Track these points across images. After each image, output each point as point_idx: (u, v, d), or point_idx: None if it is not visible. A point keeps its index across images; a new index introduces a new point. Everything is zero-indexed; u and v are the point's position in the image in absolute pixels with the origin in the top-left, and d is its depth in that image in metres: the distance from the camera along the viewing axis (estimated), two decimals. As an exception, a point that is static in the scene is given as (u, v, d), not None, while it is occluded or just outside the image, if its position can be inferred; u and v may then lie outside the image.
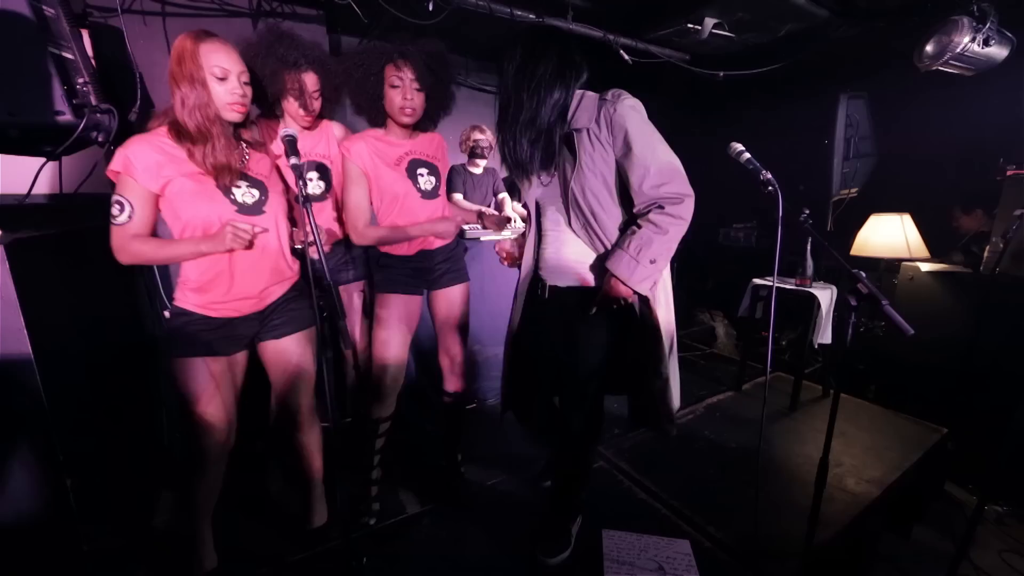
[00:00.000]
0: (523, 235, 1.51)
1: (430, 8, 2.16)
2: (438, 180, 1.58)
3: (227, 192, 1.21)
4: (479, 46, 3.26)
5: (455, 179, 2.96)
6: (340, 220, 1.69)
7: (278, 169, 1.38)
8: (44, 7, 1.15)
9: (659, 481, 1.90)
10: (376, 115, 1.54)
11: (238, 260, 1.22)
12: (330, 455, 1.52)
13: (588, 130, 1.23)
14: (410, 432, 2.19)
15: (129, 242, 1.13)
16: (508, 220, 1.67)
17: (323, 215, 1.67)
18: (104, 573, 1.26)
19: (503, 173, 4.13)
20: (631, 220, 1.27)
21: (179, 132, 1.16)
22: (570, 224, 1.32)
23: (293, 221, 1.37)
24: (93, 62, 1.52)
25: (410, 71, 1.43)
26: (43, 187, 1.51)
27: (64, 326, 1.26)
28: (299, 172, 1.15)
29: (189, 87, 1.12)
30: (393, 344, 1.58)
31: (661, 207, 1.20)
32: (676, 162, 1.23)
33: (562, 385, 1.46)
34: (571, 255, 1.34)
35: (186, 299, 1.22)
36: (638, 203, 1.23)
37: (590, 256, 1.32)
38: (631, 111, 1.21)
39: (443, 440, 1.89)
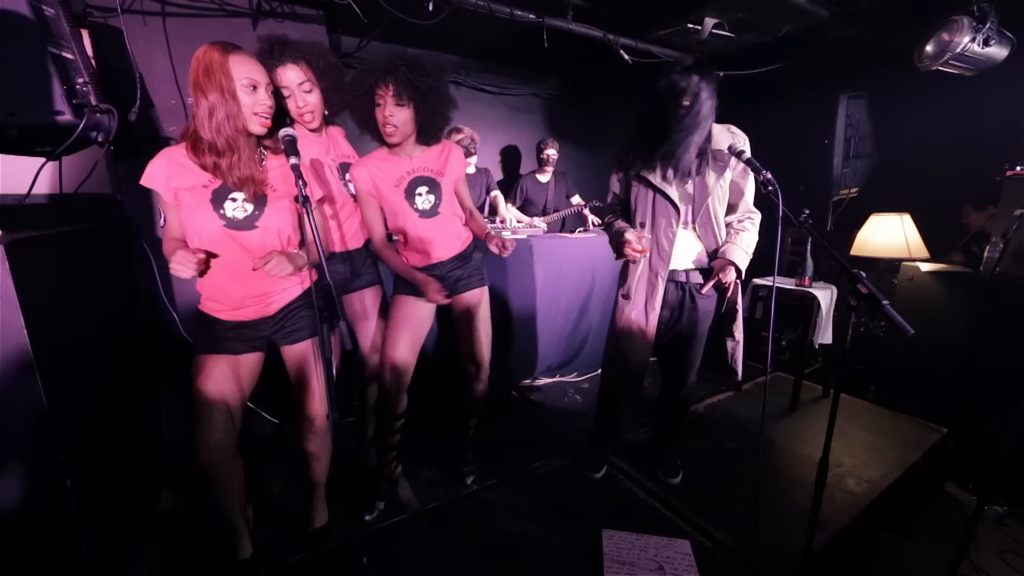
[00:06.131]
0: (641, 230, 1.66)
1: (430, 8, 2.15)
2: (439, 197, 1.59)
3: (218, 207, 1.21)
4: (479, 46, 3.26)
5: None
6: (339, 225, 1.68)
7: (311, 172, 1.37)
8: (44, 7, 1.15)
9: (659, 481, 1.91)
10: (377, 133, 1.53)
11: (228, 272, 1.24)
12: (334, 453, 1.52)
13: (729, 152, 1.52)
14: (416, 431, 2.19)
15: (168, 244, 1.22)
16: (506, 247, 1.59)
17: (333, 220, 1.65)
18: (104, 573, 1.25)
19: (500, 175, 4.13)
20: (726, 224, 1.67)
21: (195, 144, 1.17)
22: (694, 221, 1.64)
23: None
24: (93, 62, 1.53)
25: (391, 87, 1.40)
26: (43, 187, 1.51)
27: (64, 326, 1.26)
28: (297, 172, 1.14)
29: (219, 98, 1.12)
30: (401, 344, 1.61)
31: (751, 218, 1.65)
32: None
33: (683, 348, 1.78)
34: (693, 246, 1.68)
35: (204, 303, 1.31)
36: (740, 213, 1.66)
37: (702, 247, 1.68)
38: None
39: (454, 439, 1.90)
